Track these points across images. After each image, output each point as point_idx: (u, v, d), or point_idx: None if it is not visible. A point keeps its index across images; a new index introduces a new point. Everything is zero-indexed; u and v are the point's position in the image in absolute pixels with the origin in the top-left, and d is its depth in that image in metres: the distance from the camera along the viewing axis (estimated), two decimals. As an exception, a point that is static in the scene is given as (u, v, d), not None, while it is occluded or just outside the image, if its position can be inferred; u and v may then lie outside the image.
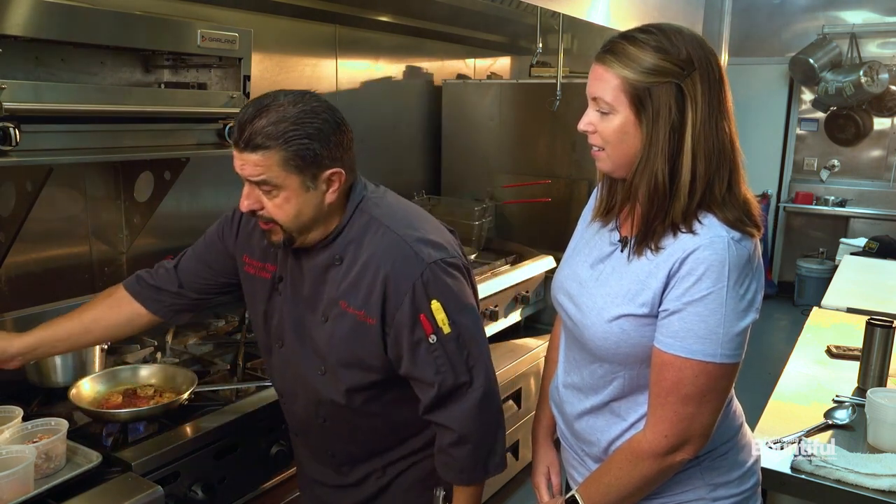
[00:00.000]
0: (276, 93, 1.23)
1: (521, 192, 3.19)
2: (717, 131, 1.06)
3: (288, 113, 1.19)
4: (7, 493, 1.15)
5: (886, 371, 1.82)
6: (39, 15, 1.44)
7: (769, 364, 3.96)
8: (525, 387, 2.77)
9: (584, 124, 1.12)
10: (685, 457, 1.10)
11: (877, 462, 1.38)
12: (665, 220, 1.07)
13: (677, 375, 1.06)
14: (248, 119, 1.19)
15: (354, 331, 1.29)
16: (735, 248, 1.04)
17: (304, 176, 1.22)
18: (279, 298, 1.38)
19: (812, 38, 5.94)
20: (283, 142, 1.18)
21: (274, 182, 1.21)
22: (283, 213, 1.24)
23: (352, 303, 1.28)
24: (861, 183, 6.10)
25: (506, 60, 3.96)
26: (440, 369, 1.26)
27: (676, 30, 1.08)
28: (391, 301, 1.25)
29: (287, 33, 2.62)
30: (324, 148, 1.21)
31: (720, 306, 1.04)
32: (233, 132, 1.24)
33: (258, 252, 1.41)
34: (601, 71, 1.08)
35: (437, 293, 1.25)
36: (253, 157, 1.20)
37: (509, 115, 3.27)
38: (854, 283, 3.10)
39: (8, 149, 1.37)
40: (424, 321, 1.25)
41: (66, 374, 1.63)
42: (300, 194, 1.23)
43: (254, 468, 1.63)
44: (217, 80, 1.95)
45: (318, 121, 1.20)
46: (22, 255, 1.90)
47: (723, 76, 1.08)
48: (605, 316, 1.13)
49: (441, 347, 1.26)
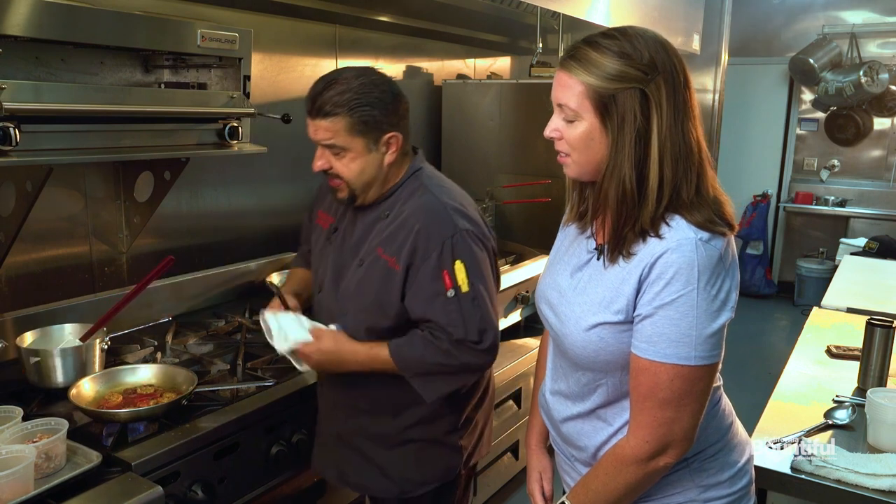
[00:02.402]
0: (343, 69, 1.46)
1: (521, 192, 3.19)
2: (684, 134, 1.05)
3: (352, 85, 1.40)
4: (7, 493, 1.15)
5: (886, 371, 1.82)
6: (39, 15, 1.44)
7: (769, 364, 3.98)
8: (525, 387, 2.77)
9: (549, 131, 1.12)
10: (669, 461, 1.09)
11: (877, 462, 1.38)
12: (635, 225, 1.07)
13: (653, 380, 1.06)
14: (318, 91, 1.41)
15: (382, 276, 1.46)
16: (703, 248, 1.03)
17: (366, 139, 1.43)
18: (329, 248, 1.59)
19: (812, 38, 5.94)
20: (347, 109, 1.39)
21: (341, 145, 1.43)
22: (349, 171, 1.45)
23: (387, 250, 1.46)
24: (861, 183, 6.10)
25: (506, 60, 3.96)
26: (453, 322, 1.41)
27: (640, 33, 1.06)
28: (419, 253, 1.42)
29: (287, 33, 2.62)
30: (383, 115, 1.42)
31: (691, 308, 1.03)
32: (306, 104, 1.44)
33: (328, 206, 1.64)
34: (565, 77, 1.07)
35: (462, 255, 1.42)
36: (323, 123, 1.41)
37: (509, 115, 3.27)
38: (854, 283, 3.10)
39: (8, 149, 1.37)
40: (446, 276, 1.41)
41: (66, 374, 1.63)
42: (363, 155, 1.44)
43: (254, 468, 1.63)
44: (217, 80, 1.95)
45: (377, 91, 1.42)
46: (22, 255, 1.90)
47: (687, 79, 1.07)
48: (582, 325, 1.13)
49: (457, 303, 1.41)
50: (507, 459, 2.76)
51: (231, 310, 2.28)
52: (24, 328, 1.74)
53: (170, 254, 1.67)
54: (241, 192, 2.54)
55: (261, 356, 1.91)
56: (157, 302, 2.16)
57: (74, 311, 1.93)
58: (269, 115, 1.96)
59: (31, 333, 1.72)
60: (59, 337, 1.74)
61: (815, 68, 5.77)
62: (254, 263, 2.50)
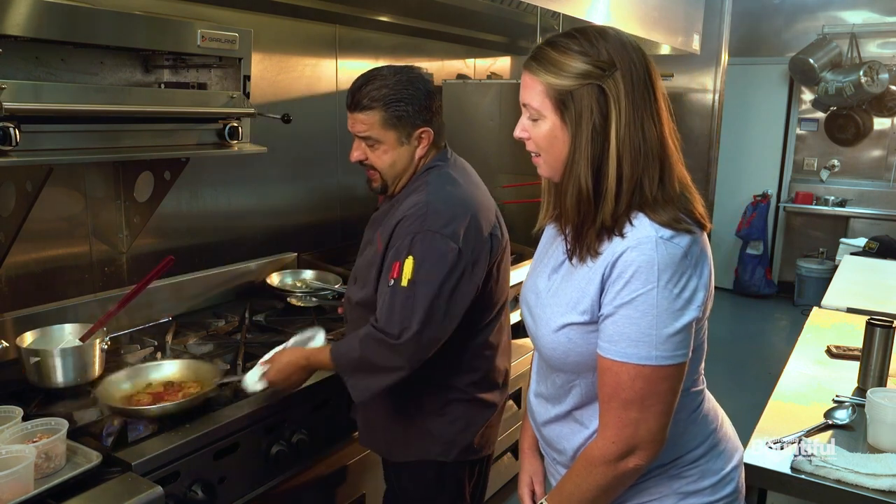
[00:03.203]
0: (383, 67, 1.57)
1: (521, 192, 3.19)
2: (644, 130, 1.05)
3: (388, 81, 1.51)
4: (7, 493, 1.15)
5: (886, 371, 1.82)
6: (39, 15, 1.44)
7: (769, 364, 3.98)
8: (525, 387, 2.77)
9: (518, 131, 1.14)
10: (639, 462, 1.07)
11: (877, 462, 1.38)
12: (594, 224, 1.07)
13: (615, 380, 1.05)
14: (358, 86, 1.53)
15: (372, 256, 1.60)
16: (664, 246, 1.02)
17: (399, 133, 1.53)
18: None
19: (812, 38, 5.95)
20: (383, 104, 1.50)
21: (376, 137, 1.53)
22: (382, 162, 1.57)
23: (382, 234, 1.58)
24: (861, 183, 6.10)
25: (506, 60, 3.96)
26: (382, 308, 1.49)
27: (599, 32, 1.08)
28: (393, 240, 1.53)
29: (287, 33, 2.62)
30: (416, 110, 1.53)
31: (651, 307, 1.02)
32: (347, 98, 1.55)
33: None
34: (527, 78, 1.10)
35: (417, 253, 1.47)
36: (360, 116, 1.52)
37: (509, 115, 3.27)
38: (854, 283, 3.10)
39: (8, 149, 1.37)
40: (396, 267, 1.48)
41: (66, 374, 1.63)
42: (396, 147, 1.55)
43: (254, 468, 1.62)
44: (217, 80, 1.95)
45: (411, 88, 1.52)
46: (22, 255, 1.90)
47: (650, 74, 1.07)
48: (552, 326, 1.13)
49: (391, 293, 1.48)
50: (507, 459, 2.76)
51: (231, 310, 2.28)
52: (24, 328, 1.74)
53: (170, 254, 1.68)
54: (241, 192, 2.54)
55: (261, 356, 1.91)
56: (157, 302, 2.15)
57: (74, 311, 1.93)
58: (269, 115, 1.96)
59: (31, 333, 1.72)
60: (59, 337, 1.73)
61: (815, 68, 5.77)
62: (254, 263, 2.50)
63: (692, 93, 4.87)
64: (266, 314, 2.28)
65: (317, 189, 2.87)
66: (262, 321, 2.23)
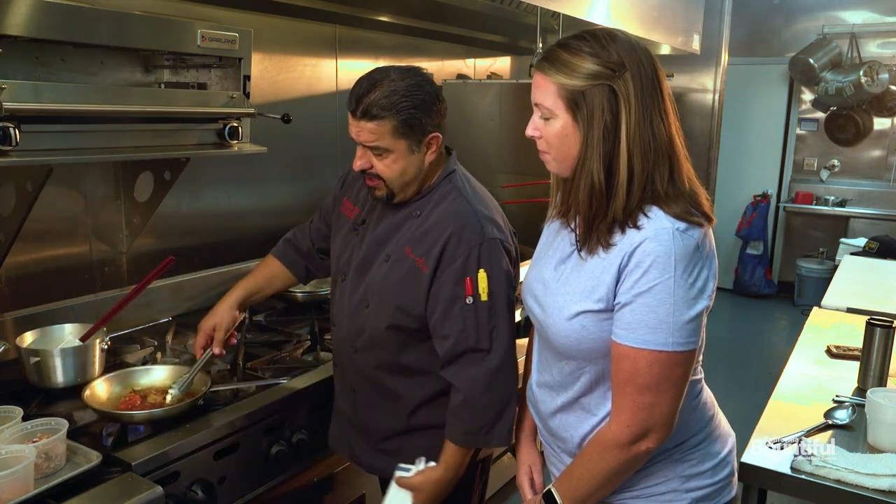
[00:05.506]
0: (386, 68, 1.44)
1: (521, 192, 3.19)
2: (653, 128, 1.10)
3: (398, 87, 1.39)
4: (7, 493, 1.15)
5: (886, 371, 1.82)
6: (39, 15, 1.44)
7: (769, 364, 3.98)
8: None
9: (530, 130, 1.19)
10: (650, 446, 1.12)
11: (877, 462, 1.38)
12: (606, 218, 1.11)
13: (632, 366, 1.09)
14: (363, 92, 1.39)
15: (409, 274, 1.46)
16: (680, 238, 1.07)
17: (410, 140, 1.43)
18: (355, 239, 1.58)
19: (812, 38, 5.95)
20: (394, 112, 1.38)
21: (385, 147, 1.41)
22: (391, 172, 1.45)
23: (416, 250, 1.46)
24: (861, 183, 6.10)
25: (506, 60, 3.96)
26: (466, 328, 1.41)
27: (609, 34, 1.12)
28: (447, 256, 1.43)
29: (287, 33, 2.62)
30: (426, 116, 1.43)
31: (668, 296, 1.06)
32: (349, 103, 1.41)
33: (355, 197, 1.63)
34: (540, 79, 1.14)
35: (487, 264, 1.42)
36: (369, 125, 1.39)
37: (509, 115, 3.27)
38: (854, 283, 3.10)
39: (8, 149, 1.37)
40: (468, 283, 1.41)
41: (66, 374, 1.63)
42: (406, 156, 1.44)
43: (254, 468, 1.62)
44: (217, 80, 1.95)
45: (422, 93, 1.42)
46: (22, 255, 1.90)
47: (657, 75, 1.12)
48: (565, 314, 1.16)
49: (473, 311, 1.41)
50: (507, 459, 2.76)
51: (231, 310, 2.27)
52: (24, 328, 1.74)
53: (170, 254, 1.67)
54: (241, 192, 2.54)
55: (261, 356, 1.92)
56: (157, 302, 2.16)
57: (74, 311, 1.93)
58: (269, 115, 1.96)
59: (31, 333, 1.72)
60: (59, 337, 1.74)
61: (815, 68, 5.77)
62: (254, 263, 2.48)
63: (692, 93, 4.87)
64: (266, 314, 2.29)
65: (317, 189, 2.86)
66: (262, 321, 2.23)
